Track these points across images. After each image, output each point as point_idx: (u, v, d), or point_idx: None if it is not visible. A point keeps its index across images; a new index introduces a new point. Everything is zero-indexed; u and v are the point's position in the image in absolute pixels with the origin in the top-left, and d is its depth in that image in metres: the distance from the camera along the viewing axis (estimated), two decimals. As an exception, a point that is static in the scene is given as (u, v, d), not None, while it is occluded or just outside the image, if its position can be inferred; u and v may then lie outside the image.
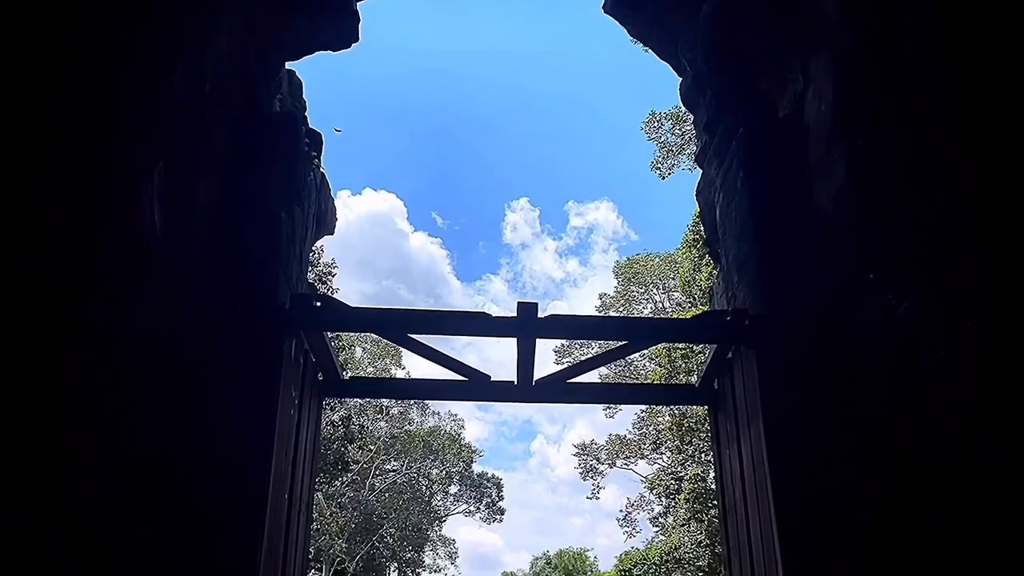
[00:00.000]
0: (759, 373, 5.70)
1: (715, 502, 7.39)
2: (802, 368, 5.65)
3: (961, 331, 4.20)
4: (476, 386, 6.98)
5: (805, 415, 5.51)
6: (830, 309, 5.76)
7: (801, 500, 5.25)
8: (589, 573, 53.89)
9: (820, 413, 5.49)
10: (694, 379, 7.83)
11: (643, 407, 37.37)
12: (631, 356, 39.18)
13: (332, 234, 8.23)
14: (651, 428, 36.89)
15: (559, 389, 7.22)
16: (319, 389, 6.75)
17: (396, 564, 57.54)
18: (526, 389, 6.98)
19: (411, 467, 54.24)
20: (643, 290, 39.36)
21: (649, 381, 30.13)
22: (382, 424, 50.48)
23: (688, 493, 29.35)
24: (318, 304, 6.15)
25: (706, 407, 7.27)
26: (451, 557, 63.93)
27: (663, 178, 31.77)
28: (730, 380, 6.43)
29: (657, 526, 38.75)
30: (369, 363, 44.32)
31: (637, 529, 41.65)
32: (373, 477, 49.96)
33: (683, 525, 31.02)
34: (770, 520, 5.30)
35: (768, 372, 5.69)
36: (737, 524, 6.19)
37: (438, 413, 55.63)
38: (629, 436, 41.94)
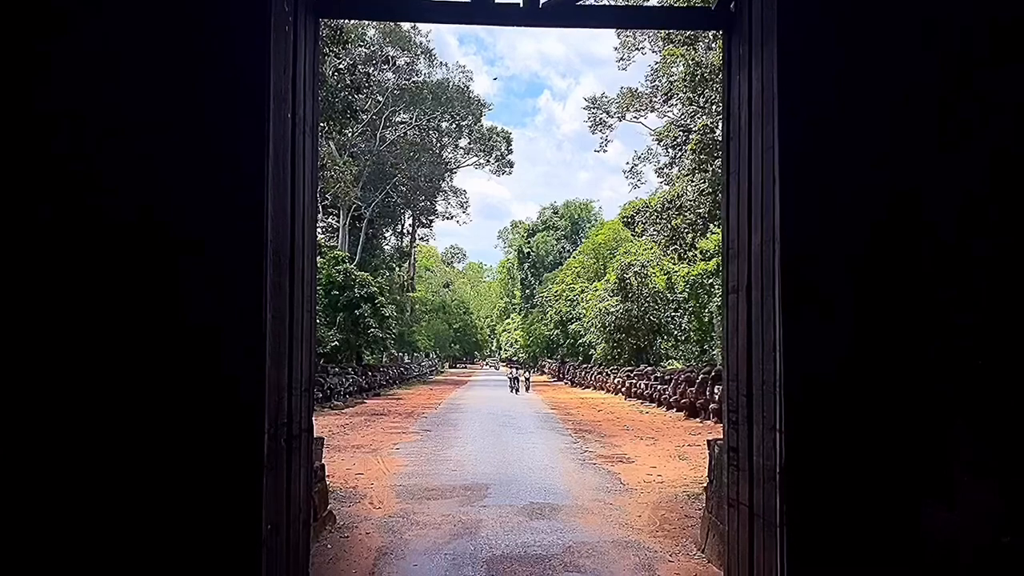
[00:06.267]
0: (780, -12, 5.30)
1: (721, 153, 7.39)
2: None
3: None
4: (479, 7, 6.57)
5: (824, 40, 5.23)
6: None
7: (809, 127, 5.19)
8: (594, 221, 56.85)
9: (841, 40, 5.21)
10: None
11: (657, 58, 36.32)
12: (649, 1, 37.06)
13: None
14: (664, 79, 36.16)
15: (568, 12, 6.80)
16: (314, 7, 6.39)
17: (410, 211, 60.58)
18: (532, 11, 6.56)
19: (421, 119, 54.46)
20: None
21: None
22: (389, 75, 49.62)
23: (695, 144, 29.71)
24: (302, -96, 5.56)
25: (720, 32, 6.90)
26: (462, 206, 67.24)
27: None
28: (748, 0, 6.02)
29: (662, 178, 39.93)
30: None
31: (642, 181, 43.18)
32: (383, 129, 50.39)
33: (687, 175, 31.90)
34: (772, 140, 5.30)
35: (791, -13, 5.29)
36: (739, 148, 6.22)
37: (446, 64, 54.45)
38: (641, 88, 41.36)
